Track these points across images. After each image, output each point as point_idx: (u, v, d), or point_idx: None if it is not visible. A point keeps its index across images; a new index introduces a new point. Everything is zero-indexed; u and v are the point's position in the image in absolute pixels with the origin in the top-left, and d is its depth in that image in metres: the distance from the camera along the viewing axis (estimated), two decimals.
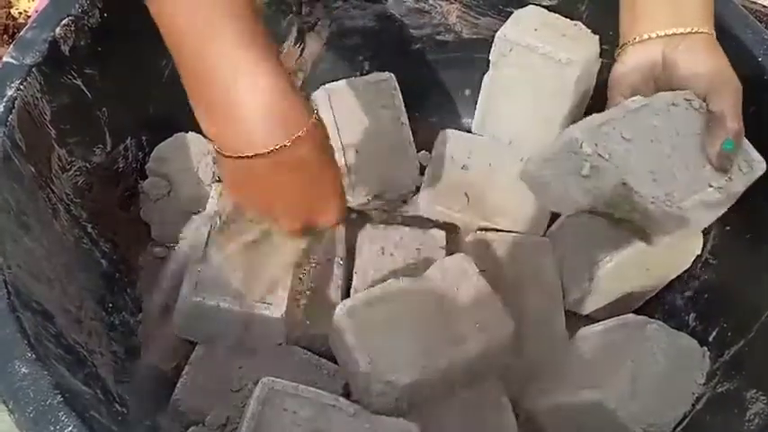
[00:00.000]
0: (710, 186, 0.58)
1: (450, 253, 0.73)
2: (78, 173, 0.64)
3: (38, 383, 0.44)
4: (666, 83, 0.61)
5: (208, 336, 0.66)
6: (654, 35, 0.61)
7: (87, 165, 0.66)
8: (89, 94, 0.65)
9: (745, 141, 0.59)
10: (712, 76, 0.58)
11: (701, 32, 0.60)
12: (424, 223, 0.81)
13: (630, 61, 0.62)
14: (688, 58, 0.60)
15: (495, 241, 0.76)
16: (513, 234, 0.77)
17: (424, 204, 0.81)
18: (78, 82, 0.63)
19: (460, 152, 0.81)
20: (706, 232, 0.67)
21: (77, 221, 0.63)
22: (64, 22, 0.61)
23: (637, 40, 0.62)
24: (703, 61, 0.59)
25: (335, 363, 0.67)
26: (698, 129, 0.59)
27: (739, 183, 0.58)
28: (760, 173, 0.59)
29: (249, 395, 0.59)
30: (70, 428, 0.43)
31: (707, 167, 0.58)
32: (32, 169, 0.57)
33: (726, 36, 0.63)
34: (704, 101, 0.59)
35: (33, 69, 0.58)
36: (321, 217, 0.56)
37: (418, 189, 0.83)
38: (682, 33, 0.60)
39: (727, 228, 0.66)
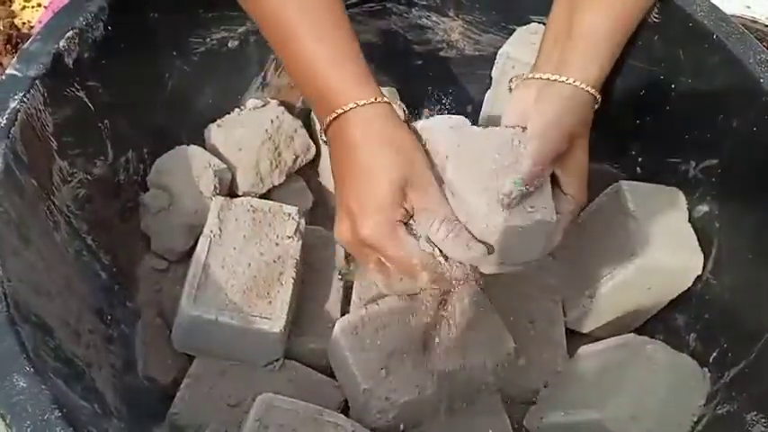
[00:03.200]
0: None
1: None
2: (79, 185, 0.64)
3: (36, 398, 0.44)
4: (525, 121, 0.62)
5: (206, 349, 0.66)
6: (535, 77, 0.63)
7: (88, 177, 0.66)
8: (92, 107, 0.65)
9: (548, 190, 0.59)
10: (542, 124, 0.59)
11: (574, 85, 0.61)
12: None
13: (512, 96, 0.65)
14: (540, 104, 0.61)
15: None
16: None
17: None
18: (81, 94, 0.63)
19: None
20: (707, 252, 0.67)
21: (78, 234, 0.63)
22: (68, 34, 0.61)
23: (519, 81, 0.65)
24: (547, 109, 0.60)
25: (334, 378, 0.66)
26: (507, 160, 0.59)
27: (518, 218, 0.57)
28: (540, 218, 0.57)
29: (247, 410, 0.59)
30: None
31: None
32: (34, 181, 0.57)
33: (715, 45, 0.64)
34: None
35: (37, 82, 0.58)
36: (360, 218, 0.57)
37: None
38: (554, 80, 0.61)
39: (729, 248, 0.66)
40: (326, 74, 0.59)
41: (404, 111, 0.63)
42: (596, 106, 0.63)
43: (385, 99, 0.59)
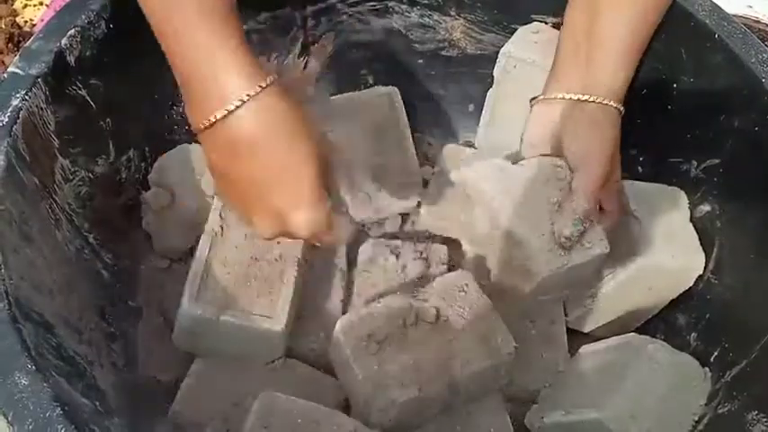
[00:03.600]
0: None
1: (451, 268, 0.73)
2: (81, 183, 0.64)
3: (38, 395, 0.44)
4: (557, 144, 0.63)
5: (207, 348, 0.66)
6: (559, 96, 0.62)
7: (90, 175, 0.66)
8: (93, 105, 0.65)
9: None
10: (583, 154, 0.60)
11: (602, 104, 0.61)
12: (425, 238, 0.81)
13: (535, 114, 0.64)
14: (573, 128, 0.61)
15: None
16: None
17: (426, 219, 0.81)
18: (83, 93, 0.63)
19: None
20: (709, 252, 0.67)
21: (79, 232, 0.63)
22: (70, 33, 0.61)
23: (542, 98, 0.64)
24: (583, 136, 0.60)
25: (336, 377, 0.67)
26: (557, 196, 0.60)
27: (578, 257, 0.60)
28: (599, 253, 0.60)
29: (248, 409, 0.59)
30: None
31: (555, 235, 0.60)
32: (35, 179, 0.57)
33: (717, 45, 0.64)
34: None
35: (39, 80, 0.58)
36: (293, 215, 0.53)
37: (420, 204, 0.83)
38: (581, 101, 0.61)
39: (730, 248, 0.66)
40: (210, 68, 0.50)
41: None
42: (621, 117, 0.63)
43: (271, 79, 0.51)
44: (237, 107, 0.50)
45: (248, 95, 0.50)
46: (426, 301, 0.66)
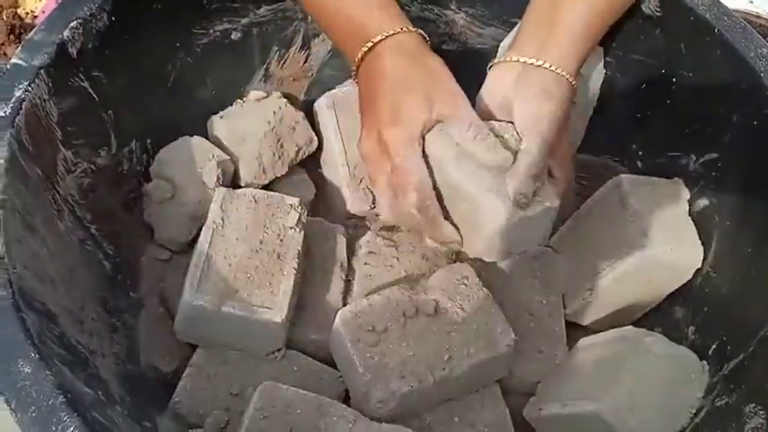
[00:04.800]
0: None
1: (452, 261, 0.73)
2: (83, 174, 0.65)
3: (41, 384, 0.44)
4: (508, 108, 0.63)
5: (208, 339, 0.66)
6: (513, 59, 0.64)
7: (92, 166, 0.66)
8: (96, 97, 0.65)
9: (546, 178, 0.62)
10: (533, 118, 0.61)
11: (555, 72, 0.62)
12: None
13: (489, 79, 0.66)
14: (524, 93, 0.63)
15: None
16: None
17: None
18: (85, 84, 0.64)
19: None
20: (707, 246, 0.67)
21: (81, 223, 0.64)
22: (72, 24, 0.61)
23: (497, 61, 0.66)
24: (534, 101, 0.62)
25: (336, 369, 0.67)
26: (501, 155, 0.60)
27: (529, 209, 0.60)
28: (548, 205, 0.61)
29: (249, 399, 0.60)
30: (72, 429, 0.43)
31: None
32: (38, 170, 0.58)
33: (717, 39, 0.64)
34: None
35: (41, 71, 0.58)
36: (392, 146, 0.61)
37: None
38: (535, 65, 0.63)
39: (729, 241, 0.66)
40: (356, 13, 0.65)
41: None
42: (574, 100, 0.65)
43: (415, 29, 0.64)
44: (384, 39, 0.63)
45: (386, 34, 0.63)
46: (426, 294, 0.66)
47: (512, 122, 0.62)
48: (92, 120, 0.66)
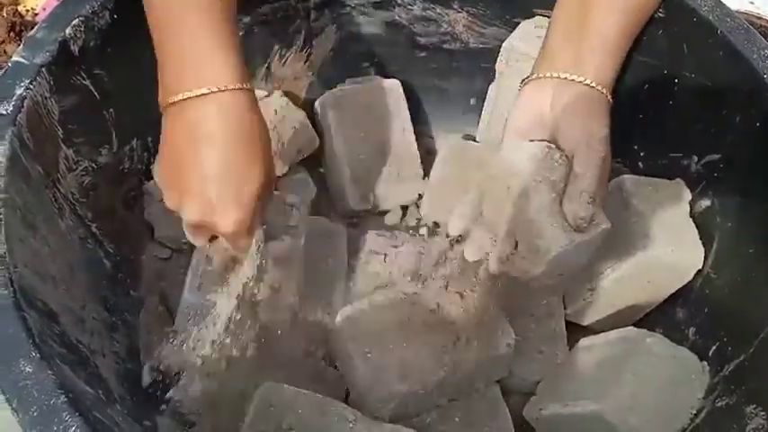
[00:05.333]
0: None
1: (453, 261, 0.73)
2: (84, 173, 0.64)
3: (42, 383, 0.44)
4: (551, 124, 0.61)
5: None
6: (549, 75, 0.62)
7: (93, 165, 0.66)
8: (97, 95, 0.65)
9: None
10: (582, 135, 0.59)
11: (593, 87, 0.60)
12: (427, 230, 0.81)
13: (524, 96, 0.63)
14: (569, 110, 0.60)
15: None
16: None
17: (427, 211, 0.81)
18: (87, 82, 0.64)
19: (465, 160, 0.81)
20: (708, 247, 0.67)
21: (82, 221, 0.63)
22: (74, 22, 0.61)
23: (534, 77, 0.63)
24: (581, 116, 0.60)
25: (336, 368, 0.67)
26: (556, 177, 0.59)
27: (585, 233, 0.59)
28: (604, 227, 0.60)
29: (249, 399, 0.60)
30: (74, 428, 0.43)
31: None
32: (39, 169, 0.58)
33: (719, 40, 0.64)
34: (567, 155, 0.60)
35: (43, 69, 0.58)
36: (220, 217, 0.55)
37: (421, 196, 0.83)
38: (574, 81, 0.61)
39: (730, 243, 0.66)
40: (197, 47, 0.54)
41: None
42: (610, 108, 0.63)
43: (248, 86, 0.55)
44: (212, 92, 0.53)
45: (226, 87, 0.53)
46: (427, 294, 0.66)
47: (547, 141, 0.61)
48: (93, 118, 0.66)
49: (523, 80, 0.65)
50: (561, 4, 0.65)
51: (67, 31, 0.61)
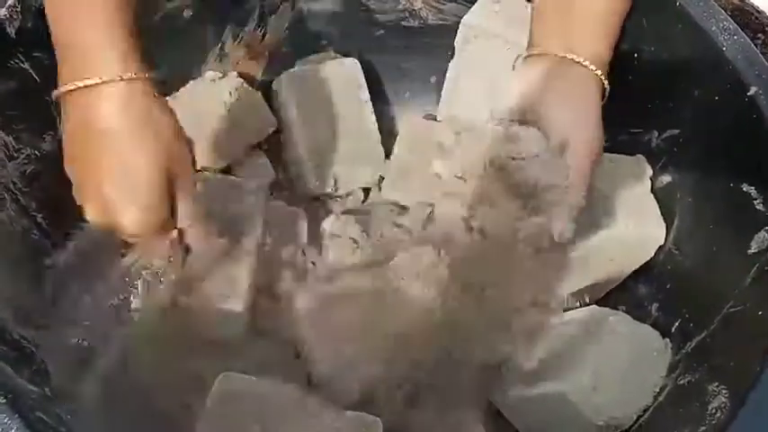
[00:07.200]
0: None
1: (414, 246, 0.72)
2: (26, 161, 0.62)
3: None
4: (539, 99, 0.61)
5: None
6: (543, 52, 0.61)
7: (36, 152, 0.63)
8: (37, 79, 0.62)
9: None
10: (573, 123, 0.59)
11: (588, 67, 0.60)
12: (389, 210, 0.80)
13: (519, 76, 0.63)
14: (558, 96, 0.60)
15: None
16: None
17: (390, 191, 0.80)
18: (26, 66, 0.61)
19: (426, 138, 0.80)
20: (669, 222, 0.67)
21: (26, 211, 0.61)
22: (9, 2, 0.59)
23: (528, 54, 0.63)
24: (572, 104, 0.59)
25: (299, 354, 0.66)
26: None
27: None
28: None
29: (208, 385, 0.58)
30: (14, 431, 0.41)
31: None
32: None
33: (678, 13, 0.63)
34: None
35: None
36: (122, 212, 0.52)
37: (383, 178, 0.82)
38: (571, 60, 0.60)
39: (691, 218, 0.66)
40: (89, 38, 0.52)
41: None
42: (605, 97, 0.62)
43: (146, 74, 0.53)
44: (107, 82, 0.51)
45: (121, 77, 0.51)
46: (389, 278, 0.65)
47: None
48: (34, 103, 0.63)
49: (519, 56, 0.65)
50: None
51: (2, 12, 0.58)
